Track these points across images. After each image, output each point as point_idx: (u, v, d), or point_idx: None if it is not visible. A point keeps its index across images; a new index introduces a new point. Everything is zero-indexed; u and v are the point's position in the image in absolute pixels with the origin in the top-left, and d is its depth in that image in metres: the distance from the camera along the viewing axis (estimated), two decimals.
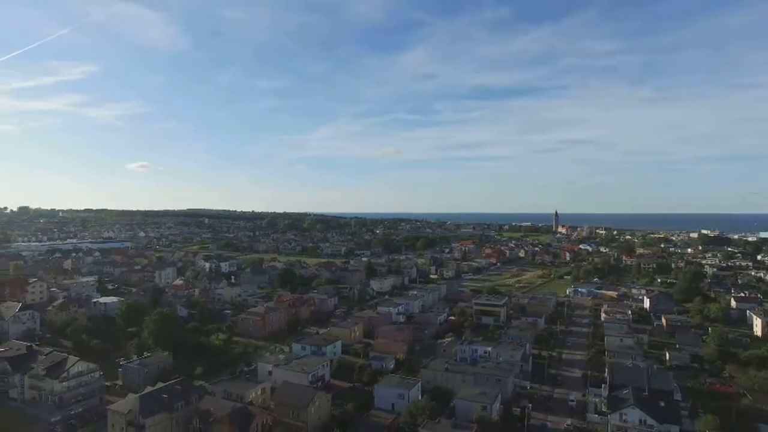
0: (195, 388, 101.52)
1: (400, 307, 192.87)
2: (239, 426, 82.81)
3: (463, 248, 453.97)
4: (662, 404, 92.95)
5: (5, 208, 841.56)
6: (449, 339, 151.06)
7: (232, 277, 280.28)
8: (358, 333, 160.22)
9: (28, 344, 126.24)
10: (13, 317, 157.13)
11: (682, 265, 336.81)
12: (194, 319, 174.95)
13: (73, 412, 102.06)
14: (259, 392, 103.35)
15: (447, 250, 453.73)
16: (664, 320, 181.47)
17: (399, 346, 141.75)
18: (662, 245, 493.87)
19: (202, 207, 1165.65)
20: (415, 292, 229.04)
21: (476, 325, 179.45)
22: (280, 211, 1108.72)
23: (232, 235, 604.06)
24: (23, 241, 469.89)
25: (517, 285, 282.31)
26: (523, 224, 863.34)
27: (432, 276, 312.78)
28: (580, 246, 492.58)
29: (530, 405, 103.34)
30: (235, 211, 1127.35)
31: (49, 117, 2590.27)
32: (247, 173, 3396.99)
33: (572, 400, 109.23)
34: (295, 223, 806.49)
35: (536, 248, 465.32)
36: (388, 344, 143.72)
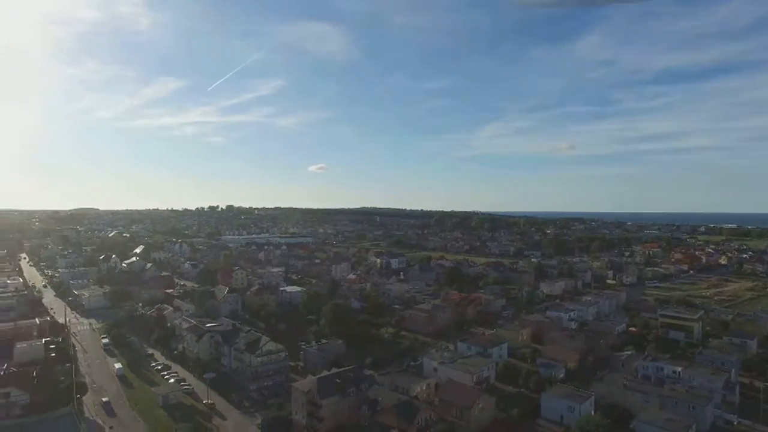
0: (365, 377, 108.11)
1: (572, 313, 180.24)
2: (404, 418, 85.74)
3: (647, 252, 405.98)
4: None
5: (217, 206, 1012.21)
6: (629, 352, 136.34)
7: (401, 273, 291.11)
8: (525, 337, 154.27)
9: (234, 322, 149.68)
10: (224, 298, 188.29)
11: None
12: (365, 311, 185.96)
13: (265, 384, 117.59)
14: (424, 387, 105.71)
15: (627, 254, 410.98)
16: None
17: (570, 355, 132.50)
18: None
19: (374, 205, 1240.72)
20: (590, 298, 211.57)
21: (662, 339, 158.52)
22: (448, 209, 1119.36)
23: (401, 233, 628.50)
24: (229, 235, 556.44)
25: (716, 297, 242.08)
26: (726, 226, 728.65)
27: (609, 281, 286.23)
28: None
29: None
30: (405, 209, 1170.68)
31: (249, 128, 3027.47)
32: (416, 172, 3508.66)
33: None
34: (462, 221, 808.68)
35: (744, 255, 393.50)
36: (558, 351, 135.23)
